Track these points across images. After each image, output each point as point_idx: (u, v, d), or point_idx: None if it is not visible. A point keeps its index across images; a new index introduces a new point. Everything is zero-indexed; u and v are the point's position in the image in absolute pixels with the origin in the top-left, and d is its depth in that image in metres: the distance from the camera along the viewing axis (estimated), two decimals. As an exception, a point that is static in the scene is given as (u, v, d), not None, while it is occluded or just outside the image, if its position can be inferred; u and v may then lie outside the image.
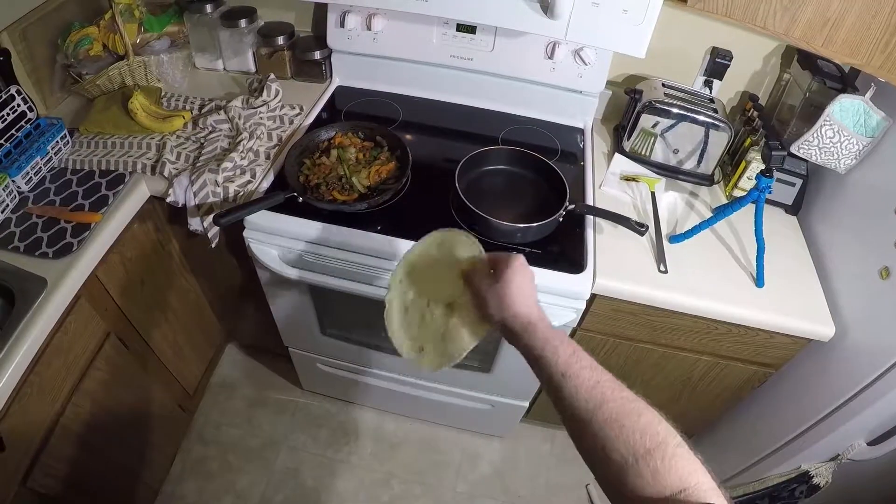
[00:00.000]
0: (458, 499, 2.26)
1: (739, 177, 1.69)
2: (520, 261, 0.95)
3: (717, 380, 1.75)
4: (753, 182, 1.46)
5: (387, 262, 1.49)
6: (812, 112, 1.53)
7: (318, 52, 1.93)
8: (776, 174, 1.59)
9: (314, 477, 2.27)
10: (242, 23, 1.89)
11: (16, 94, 1.56)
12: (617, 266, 1.49)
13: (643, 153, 1.77)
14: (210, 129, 1.75)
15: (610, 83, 1.87)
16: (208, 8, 1.88)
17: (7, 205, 1.48)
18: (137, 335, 1.77)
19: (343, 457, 2.33)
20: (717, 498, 0.64)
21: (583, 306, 1.49)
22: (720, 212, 1.54)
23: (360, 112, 1.90)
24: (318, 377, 2.28)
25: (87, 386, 1.54)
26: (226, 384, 2.51)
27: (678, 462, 0.66)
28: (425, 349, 1.06)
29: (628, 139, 1.77)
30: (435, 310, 1.06)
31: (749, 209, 1.49)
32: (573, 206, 1.52)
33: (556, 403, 0.81)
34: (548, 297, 1.46)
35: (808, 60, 1.58)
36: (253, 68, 2.02)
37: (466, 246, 1.07)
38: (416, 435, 2.41)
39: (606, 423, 0.72)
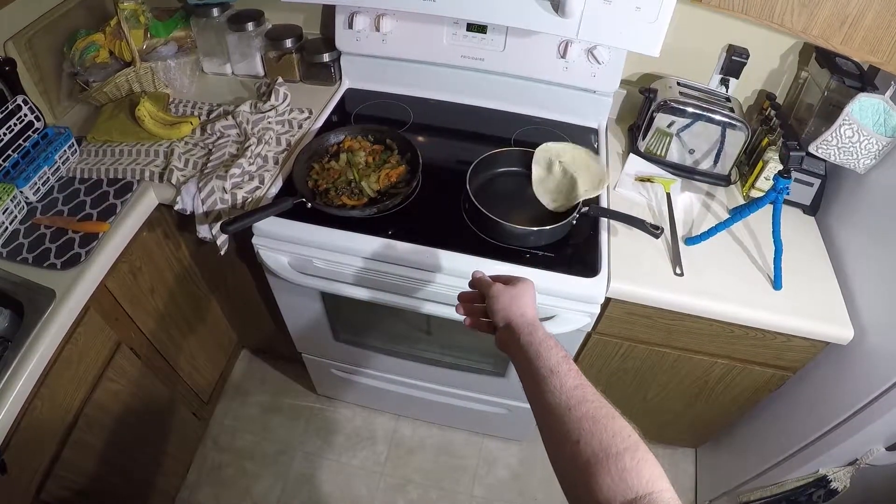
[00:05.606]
0: (474, 503, 2.24)
1: (757, 177, 1.65)
2: (529, 280, 1.08)
3: (733, 383, 1.72)
4: (771, 182, 1.43)
5: (398, 267, 1.47)
6: (831, 111, 1.50)
7: (326, 54, 1.91)
8: (794, 174, 1.57)
9: (330, 482, 2.27)
10: (250, 26, 1.88)
11: (22, 104, 1.55)
12: (632, 269, 1.46)
13: (658, 153, 1.74)
14: (218, 134, 1.73)
15: (624, 82, 1.84)
16: (215, 12, 1.86)
17: (15, 216, 1.48)
18: (149, 344, 1.76)
19: (359, 462, 2.32)
20: None
21: (597, 310, 1.47)
22: (737, 213, 1.51)
23: (370, 115, 1.87)
24: (333, 382, 2.27)
25: (99, 397, 1.54)
26: (240, 390, 2.51)
27: (646, 466, 0.69)
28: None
29: (643, 139, 1.74)
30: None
31: (766, 210, 1.46)
32: (587, 208, 1.49)
33: (536, 397, 0.85)
34: (562, 301, 1.44)
35: (826, 58, 1.54)
36: (261, 72, 2.00)
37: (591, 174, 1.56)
38: (432, 440, 2.40)
39: (583, 419, 0.76)
